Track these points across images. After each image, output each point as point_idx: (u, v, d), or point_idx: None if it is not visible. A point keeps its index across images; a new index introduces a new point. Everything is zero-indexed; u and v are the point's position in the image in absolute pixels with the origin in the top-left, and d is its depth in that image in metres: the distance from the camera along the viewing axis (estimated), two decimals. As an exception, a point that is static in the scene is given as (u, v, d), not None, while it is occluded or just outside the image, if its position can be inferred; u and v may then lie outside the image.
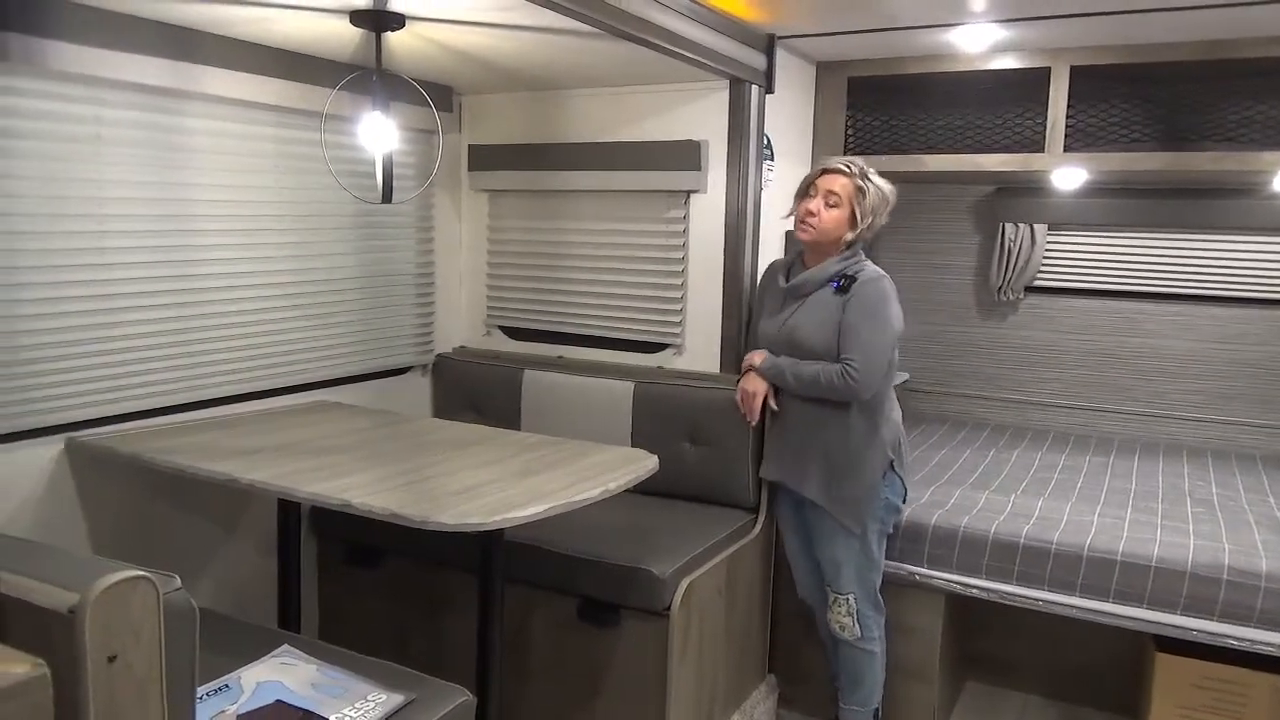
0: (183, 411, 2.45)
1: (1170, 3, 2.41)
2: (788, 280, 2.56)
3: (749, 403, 2.60)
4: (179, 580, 1.25)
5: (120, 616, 1.14)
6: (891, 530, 2.64)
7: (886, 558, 2.67)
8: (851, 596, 2.54)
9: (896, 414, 2.54)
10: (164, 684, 1.19)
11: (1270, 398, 3.80)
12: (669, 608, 2.32)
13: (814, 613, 2.77)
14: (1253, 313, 3.81)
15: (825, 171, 2.45)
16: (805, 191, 2.49)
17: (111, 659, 1.13)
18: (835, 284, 2.44)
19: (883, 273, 2.45)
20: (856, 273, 2.43)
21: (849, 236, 2.44)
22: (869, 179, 2.43)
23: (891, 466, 2.50)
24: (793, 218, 2.54)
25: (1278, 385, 3.79)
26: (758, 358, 2.58)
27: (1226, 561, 2.51)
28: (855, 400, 2.41)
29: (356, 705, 1.75)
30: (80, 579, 1.15)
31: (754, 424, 2.66)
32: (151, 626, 1.18)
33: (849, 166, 2.43)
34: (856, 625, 2.56)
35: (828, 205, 2.42)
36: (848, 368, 2.36)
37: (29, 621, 1.14)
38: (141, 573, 1.17)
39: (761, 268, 2.93)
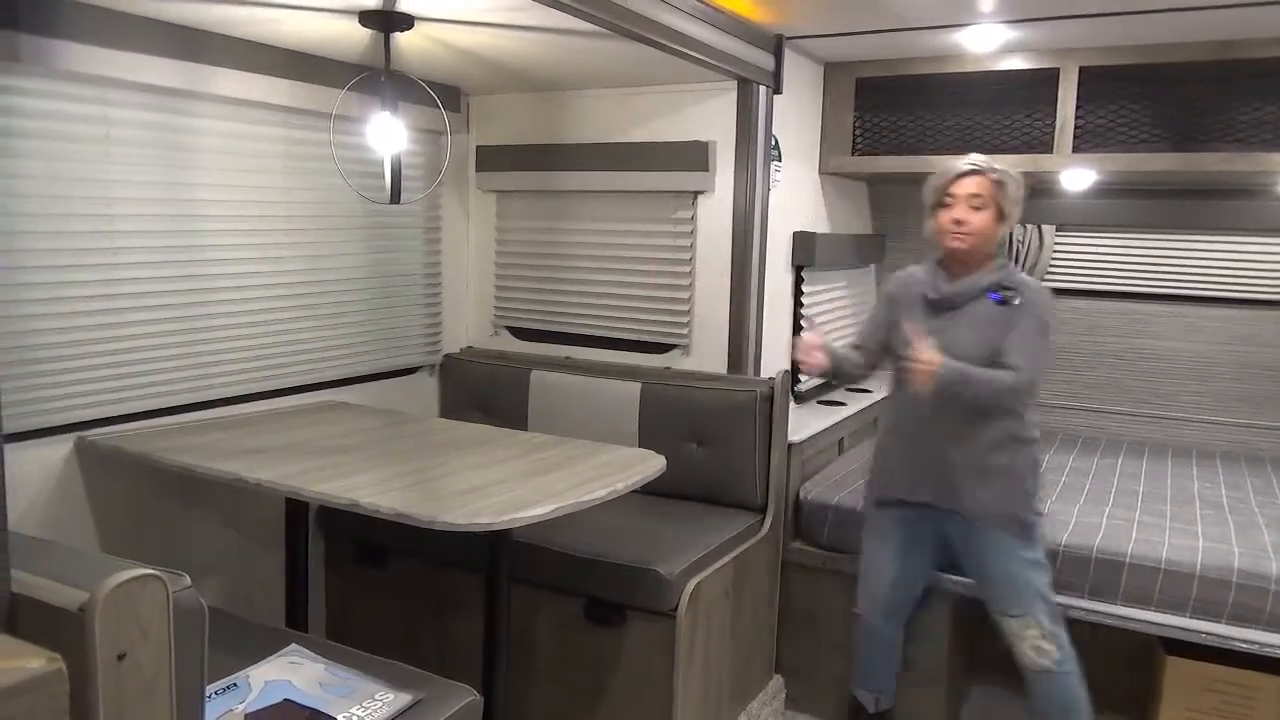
0: (191, 411, 2.46)
1: (1180, 3, 2.41)
2: (937, 292, 2.41)
3: (808, 356, 2.44)
4: (188, 579, 1.25)
5: (129, 615, 1.14)
6: None
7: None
8: (1044, 616, 2.36)
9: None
10: (173, 682, 1.20)
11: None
12: (675, 608, 2.32)
13: (873, 632, 2.63)
14: (1262, 314, 3.79)
15: (958, 176, 2.34)
16: (940, 202, 2.36)
17: (121, 657, 1.13)
18: (994, 295, 2.33)
19: (1041, 283, 2.40)
20: (1016, 284, 2.34)
21: (1003, 232, 2.37)
22: (1000, 170, 2.34)
23: (1035, 471, 2.43)
24: (933, 229, 2.40)
25: (1287, 387, 3.78)
26: (930, 355, 2.25)
27: (1236, 564, 2.50)
28: (1019, 406, 2.31)
29: (364, 704, 1.75)
30: (90, 577, 1.15)
31: (804, 365, 2.48)
32: (160, 625, 1.18)
33: (978, 165, 2.34)
34: (1054, 646, 2.37)
35: (973, 209, 2.32)
36: (1019, 373, 2.25)
37: (39, 619, 1.15)
38: (151, 571, 1.18)
39: (769, 268, 2.93)
